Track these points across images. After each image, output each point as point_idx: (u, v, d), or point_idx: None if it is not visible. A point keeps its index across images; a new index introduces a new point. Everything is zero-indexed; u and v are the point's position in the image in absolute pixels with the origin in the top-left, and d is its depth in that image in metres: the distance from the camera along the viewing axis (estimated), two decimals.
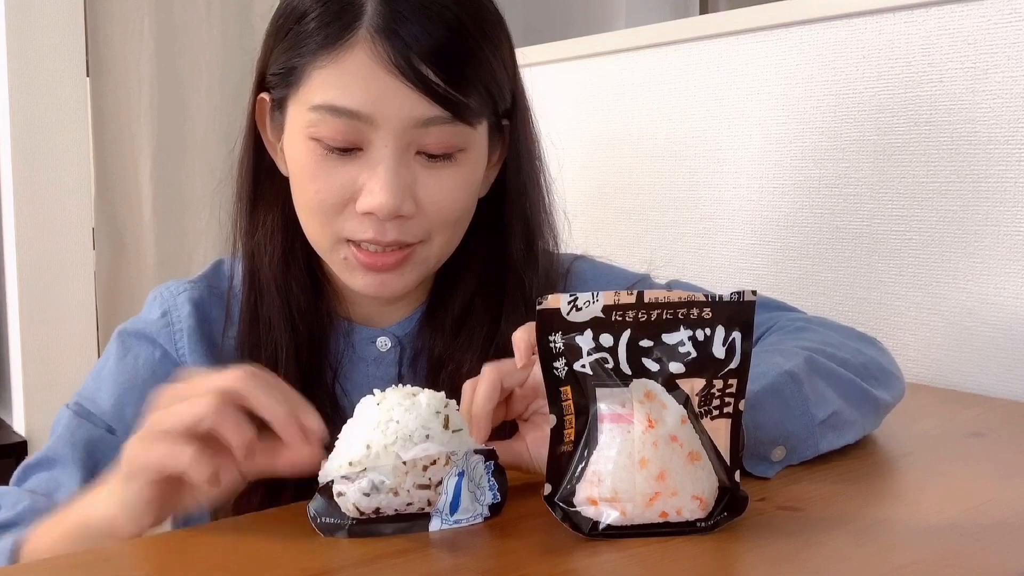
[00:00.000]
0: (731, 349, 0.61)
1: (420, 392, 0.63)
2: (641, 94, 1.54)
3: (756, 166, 1.36)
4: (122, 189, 1.85)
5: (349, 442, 0.62)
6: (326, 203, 0.76)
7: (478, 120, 0.77)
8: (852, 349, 0.84)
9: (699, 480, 0.61)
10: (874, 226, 1.22)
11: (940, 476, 0.77)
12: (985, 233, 1.10)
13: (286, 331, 0.81)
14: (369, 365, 0.86)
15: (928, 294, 1.16)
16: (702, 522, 0.61)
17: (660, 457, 0.60)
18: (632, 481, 0.60)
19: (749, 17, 1.35)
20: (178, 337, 0.84)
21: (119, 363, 0.84)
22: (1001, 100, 1.08)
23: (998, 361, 1.10)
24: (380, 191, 0.73)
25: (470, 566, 0.58)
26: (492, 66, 0.76)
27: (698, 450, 0.61)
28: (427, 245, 0.79)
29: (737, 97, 1.38)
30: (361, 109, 0.72)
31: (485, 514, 0.64)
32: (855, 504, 0.69)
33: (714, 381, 0.61)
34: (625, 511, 0.60)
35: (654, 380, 0.61)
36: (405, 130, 0.73)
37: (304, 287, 0.83)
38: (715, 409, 0.62)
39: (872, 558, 0.59)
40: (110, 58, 1.82)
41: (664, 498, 0.60)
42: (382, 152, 0.73)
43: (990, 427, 0.94)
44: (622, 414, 0.60)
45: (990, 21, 1.09)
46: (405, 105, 0.72)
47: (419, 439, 0.60)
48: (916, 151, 1.16)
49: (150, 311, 0.87)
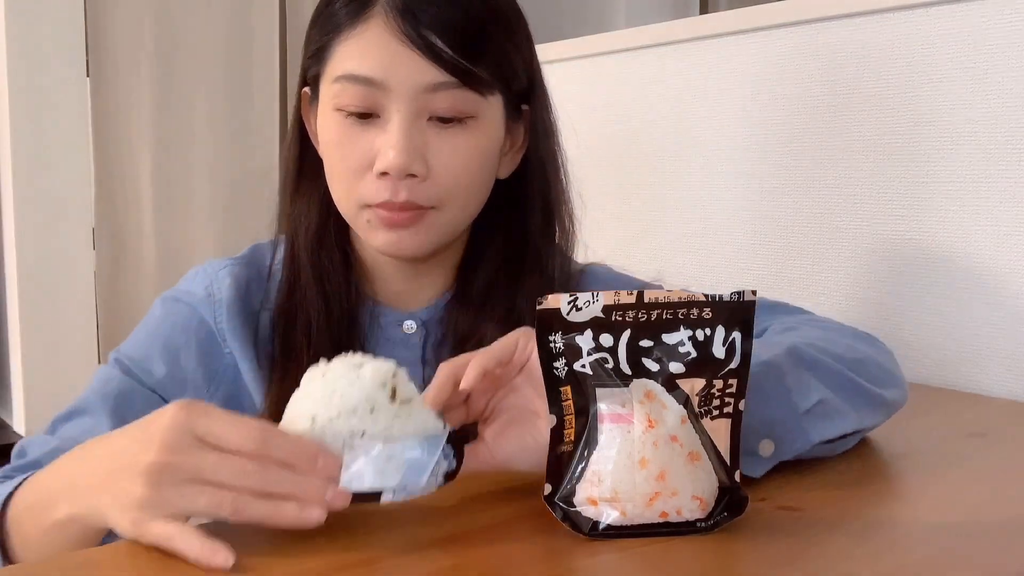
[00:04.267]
0: (731, 349, 0.61)
1: (365, 363, 0.61)
2: (641, 94, 1.54)
3: (756, 166, 1.36)
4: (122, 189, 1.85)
5: (295, 414, 0.61)
6: (349, 168, 0.82)
7: (488, 91, 0.82)
8: (845, 345, 0.83)
9: (699, 480, 0.61)
10: (874, 226, 1.22)
11: (940, 476, 0.77)
12: (985, 233, 1.10)
13: (320, 306, 0.87)
14: (396, 346, 0.89)
15: (928, 294, 1.16)
16: (702, 522, 0.61)
17: (660, 457, 0.60)
18: (632, 481, 0.60)
19: (749, 17, 1.35)
20: (218, 308, 0.89)
21: (159, 323, 0.89)
22: (1001, 100, 1.08)
23: (998, 361, 1.10)
24: (391, 150, 0.79)
25: (470, 566, 0.58)
26: (503, 44, 0.83)
27: (698, 450, 0.61)
28: (439, 212, 0.83)
29: (737, 97, 1.38)
30: (375, 76, 0.79)
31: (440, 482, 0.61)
32: (855, 504, 0.69)
33: (714, 381, 0.61)
34: (625, 511, 0.60)
35: (654, 380, 0.61)
36: (416, 95, 0.79)
37: (336, 265, 0.89)
38: (715, 409, 0.62)
39: (872, 558, 0.59)
40: (110, 58, 1.82)
41: (664, 498, 0.60)
42: (395, 116, 0.80)
43: (990, 427, 0.94)
44: (622, 414, 0.60)
45: (990, 21, 1.09)
46: (415, 71, 0.79)
47: (364, 412, 0.59)
48: (916, 151, 1.16)
49: (192, 284, 0.91)
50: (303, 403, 0.61)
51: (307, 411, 0.60)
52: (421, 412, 0.62)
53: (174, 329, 0.88)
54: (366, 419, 0.60)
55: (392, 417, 0.60)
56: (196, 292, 0.90)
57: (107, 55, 1.82)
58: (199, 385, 0.87)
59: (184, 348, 0.87)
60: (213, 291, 0.89)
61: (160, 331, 0.88)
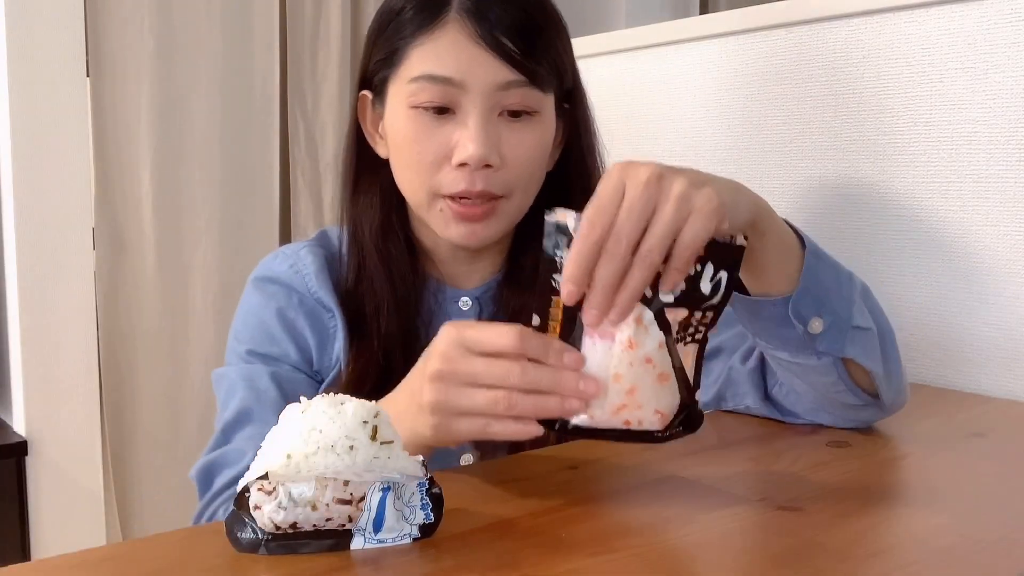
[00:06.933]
0: (716, 286, 0.65)
1: (348, 401, 0.60)
2: (641, 94, 1.54)
3: (756, 166, 1.36)
4: (122, 189, 1.84)
5: (270, 451, 0.59)
6: (425, 161, 0.88)
7: (548, 88, 0.90)
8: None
9: (663, 398, 0.66)
10: (874, 226, 1.22)
11: (940, 476, 0.77)
12: (985, 233, 1.10)
13: (387, 288, 0.94)
14: (454, 319, 0.95)
15: (928, 294, 1.16)
16: (659, 433, 0.66)
17: (633, 375, 0.65)
18: (604, 392, 0.65)
19: (749, 17, 1.35)
20: (309, 280, 0.95)
21: (264, 306, 0.95)
22: (1001, 100, 1.08)
23: (998, 361, 1.10)
24: (471, 143, 0.86)
25: (471, 566, 0.58)
26: (556, 45, 0.91)
27: (668, 372, 0.66)
28: (508, 200, 0.90)
29: (736, 97, 1.38)
30: (454, 76, 0.86)
31: (414, 534, 0.61)
32: (855, 504, 0.69)
33: (695, 312, 0.66)
34: (593, 416, 0.65)
35: (646, 306, 0.65)
36: (490, 92, 0.87)
37: (401, 251, 0.95)
38: (689, 336, 0.66)
39: (872, 558, 0.59)
40: (110, 58, 1.82)
41: (630, 410, 0.65)
42: (472, 112, 0.87)
43: (990, 427, 0.94)
44: (607, 331, 0.64)
45: (990, 21, 1.09)
46: (490, 71, 0.86)
47: (342, 450, 0.58)
48: (916, 151, 1.16)
49: (274, 264, 0.97)
50: (280, 439, 0.59)
51: (284, 447, 0.58)
52: (402, 456, 0.60)
53: (281, 306, 0.94)
54: (344, 457, 0.58)
55: (371, 457, 0.58)
56: (282, 270, 0.96)
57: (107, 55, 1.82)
58: (319, 352, 0.94)
59: (297, 320, 0.93)
60: (299, 268, 0.95)
61: (269, 311, 0.94)
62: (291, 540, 0.59)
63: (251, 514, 0.59)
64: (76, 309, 1.79)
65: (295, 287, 0.95)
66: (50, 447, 1.77)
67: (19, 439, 1.76)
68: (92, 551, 0.61)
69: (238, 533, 0.59)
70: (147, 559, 0.60)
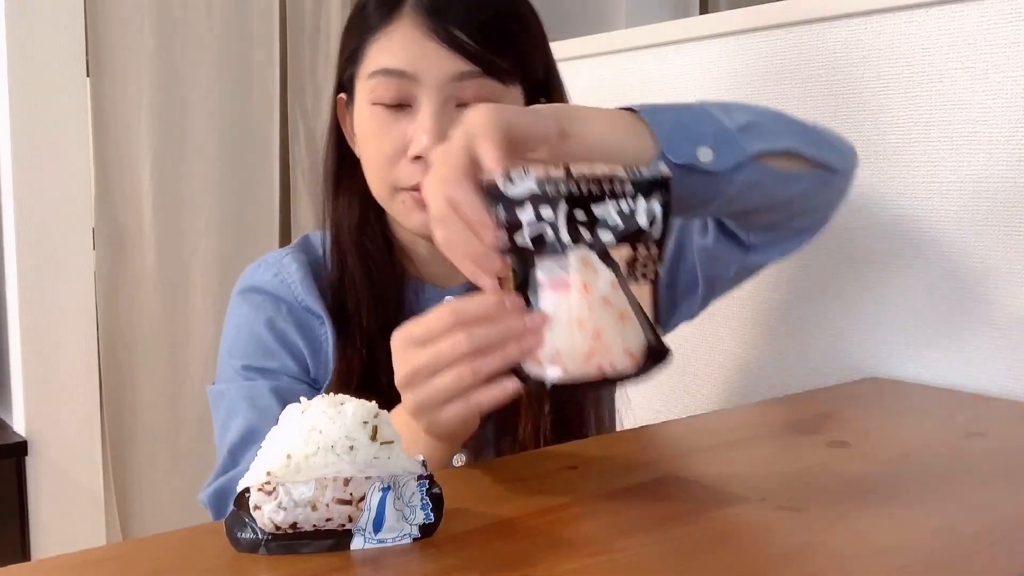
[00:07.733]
0: (652, 219, 0.67)
1: (347, 401, 0.60)
2: (641, 94, 1.54)
3: None
4: (122, 189, 1.85)
5: (270, 451, 0.59)
6: (385, 155, 0.90)
7: (510, 80, 0.90)
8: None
9: (629, 338, 0.67)
10: (874, 226, 1.22)
11: (940, 476, 0.77)
12: (985, 233, 1.10)
13: (365, 284, 0.94)
14: None
15: (928, 294, 1.16)
16: (633, 375, 0.67)
17: (595, 318, 0.66)
18: (571, 341, 0.66)
19: (749, 17, 1.35)
20: (294, 287, 0.96)
21: (254, 317, 0.95)
22: (1001, 100, 1.08)
23: (998, 361, 1.10)
24: (424, 135, 0.87)
25: (471, 566, 0.58)
26: (520, 38, 0.91)
27: (627, 310, 0.67)
28: None
29: (736, 97, 1.38)
30: (407, 68, 0.87)
31: (414, 535, 0.61)
32: (855, 504, 0.69)
33: (638, 248, 0.67)
34: (567, 368, 0.66)
35: (589, 249, 0.66)
36: (444, 84, 0.87)
37: (379, 247, 0.97)
38: (640, 276, 0.67)
39: (872, 558, 0.59)
40: (110, 58, 1.82)
41: (601, 355, 0.66)
42: (425, 103, 0.88)
43: (990, 427, 0.94)
44: (561, 281, 0.66)
45: (990, 21, 1.09)
46: (444, 63, 0.87)
47: (342, 450, 0.58)
48: (916, 151, 1.16)
49: (257, 274, 0.98)
50: (280, 439, 0.59)
51: (284, 447, 0.58)
52: (402, 456, 0.60)
53: (270, 316, 0.94)
54: (344, 457, 0.58)
55: (371, 457, 0.58)
56: (267, 280, 0.96)
57: (107, 55, 1.82)
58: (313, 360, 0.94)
59: (288, 330, 0.94)
60: (283, 276, 0.96)
61: (260, 323, 0.94)
62: (291, 540, 0.59)
63: (251, 514, 0.59)
64: (76, 309, 1.79)
65: (282, 297, 0.95)
66: (50, 447, 1.77)
67: (19, 439, 1.76)
68: (92, 551, 0.61)
69: (238, 533, 0.59)
70: (147, 559, 0.60)
